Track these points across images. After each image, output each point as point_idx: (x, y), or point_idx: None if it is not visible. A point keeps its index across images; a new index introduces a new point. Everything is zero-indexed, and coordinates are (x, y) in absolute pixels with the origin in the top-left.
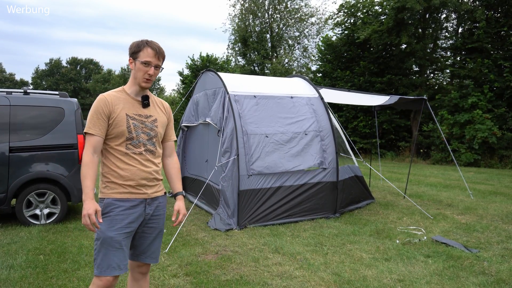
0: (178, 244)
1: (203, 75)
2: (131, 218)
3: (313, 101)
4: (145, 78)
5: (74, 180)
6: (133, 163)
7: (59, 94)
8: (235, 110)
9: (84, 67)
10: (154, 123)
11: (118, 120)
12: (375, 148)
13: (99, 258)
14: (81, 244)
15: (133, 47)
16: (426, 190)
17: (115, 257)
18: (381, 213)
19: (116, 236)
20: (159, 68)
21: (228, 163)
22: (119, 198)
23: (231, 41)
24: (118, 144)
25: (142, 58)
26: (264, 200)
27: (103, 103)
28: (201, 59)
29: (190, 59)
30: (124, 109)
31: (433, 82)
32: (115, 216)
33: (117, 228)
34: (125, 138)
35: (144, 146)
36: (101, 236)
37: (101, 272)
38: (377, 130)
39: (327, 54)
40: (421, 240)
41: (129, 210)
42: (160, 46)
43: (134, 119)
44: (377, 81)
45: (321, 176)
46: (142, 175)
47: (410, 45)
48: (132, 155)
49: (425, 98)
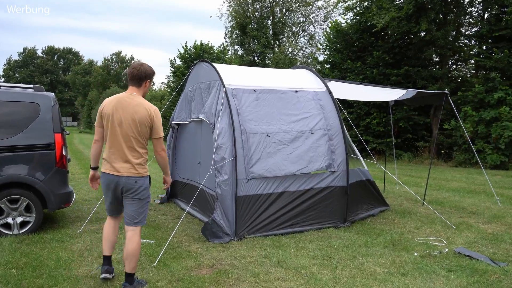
0: (168, 257)
1: (196, 66)
2: None
3: (320, 96)
4: None
5: (51, 184)
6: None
7: (34, 87)
8: (232, 105)
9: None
10: None
11: None
12: (390, 149)
13: (146, 214)
14: (58, 257)
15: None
16: (447, 196)
17: None
18: (397, 222)
19: None
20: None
21: (226, 165)
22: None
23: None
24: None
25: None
26: (265, 207)
27: None
28: (195, 47)
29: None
30: None
31: (455, 74)
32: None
33: None
34: None
35: None
36: (150, 198)
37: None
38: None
39: (336, 42)
40: (442, 253)
41: None
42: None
43: None
44: (392, 73)
45: (329, 180)
46: None
47: (430, 32)
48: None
49: (447, 92)
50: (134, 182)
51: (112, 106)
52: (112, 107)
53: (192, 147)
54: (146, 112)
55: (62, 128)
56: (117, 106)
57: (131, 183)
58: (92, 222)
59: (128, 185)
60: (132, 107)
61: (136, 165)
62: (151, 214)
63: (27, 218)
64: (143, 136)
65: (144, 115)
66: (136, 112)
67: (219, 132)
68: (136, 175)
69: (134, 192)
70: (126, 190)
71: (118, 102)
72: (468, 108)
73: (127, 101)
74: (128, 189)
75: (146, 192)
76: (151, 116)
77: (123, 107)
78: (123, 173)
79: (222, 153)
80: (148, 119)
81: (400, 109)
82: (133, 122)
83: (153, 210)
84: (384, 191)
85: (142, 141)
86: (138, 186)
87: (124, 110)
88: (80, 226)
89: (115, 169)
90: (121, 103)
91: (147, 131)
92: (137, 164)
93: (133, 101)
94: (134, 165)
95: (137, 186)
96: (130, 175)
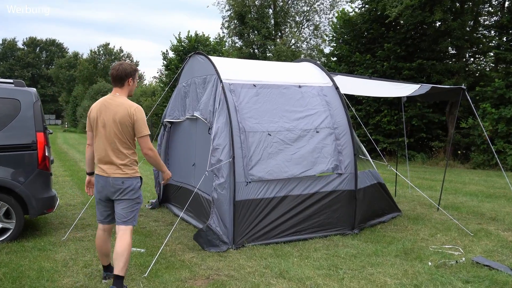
0: (161, 267)
1: (191, 59)
2: None
3: (326, 91)
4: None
5: (32, 188)
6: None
7: (14, 82)
8: (230, 102)
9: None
10: None
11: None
12: (402, 149)
13: (137, 214)
14: (41, 267)
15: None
16: (464, 200)
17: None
18: (409, 228)
19: None
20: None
21: (223, 166)
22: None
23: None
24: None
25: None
26: (266, 213)
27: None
28: (189, 39)
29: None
30: None
31: (473, 68)
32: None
33: None
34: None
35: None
36: (141, 201)
37: (136, 222)
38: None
39: (343, 33)
40: (458, 262)
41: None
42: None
43: None
44: (405, 66)
45: (336, 183)
46: None
47: (445, 22)
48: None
49: (464, 87)
50: (121, 182)
51: (97, 109)
52: (96, 110)
53: (186, 147)
54: (126, 112)
55: (44, 126)
56: (101, 109)
57: (118, 183)
58: (78, 229)
59: (115, 186)
60: (113, 108)
61: (122, 166)
62: (142, 220)
63: (7, 224)
64: (126, 136)
65: (123, 115)
66: (116, 113)
67: (215, 131)
68: (122, 176)
69: (122, 192)
70: (114, 191)
71: (101, 105)
72: (487, 104)
73: (109, 102)
74: (116, 190)
75: (136, 193)
76: (131, 114)
77: (106, 109)
78: (110, 174)
79: (218, 154)
80: (128, 118)
81: (413, 106)
82: (114, 123)
83: (144, 216)
84: (396, 195)
85: (127, 142)
86: (125, 187)
87: (107, 112)
88: (64, 234)
89: (103, 170)
90: (104, 105)
91: (129, 130)
92: (123, 165)
93: (114, 102)
94: (119, 165)
95: (124, 186)
96: (116, 176)
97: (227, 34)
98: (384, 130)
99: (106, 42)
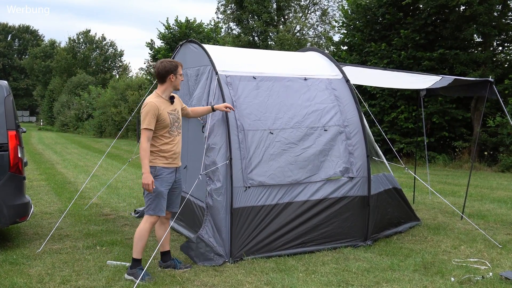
0: (148, 283)
1: (182, 48)
2: (172, 180)
3: (335, 85)
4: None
5: (3, 194)
6: (172, 143)
7: None
8: (227, 96)
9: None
10: (178, 113)
11: (164, 117)
12: (421, 150)
13: (154, 204)
14: (13, 283)
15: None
16: (492, 208)
17: (163, 204)
18: (429, 240)
19: (164, 191)
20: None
21: (219, 169)
22: (165, 167)
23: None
24: (164, 132)
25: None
26: (268, 221)
27: (155, 107)
28: (179, 25)
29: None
30: (165, 108)
31: (501, 58)
32: (164, 177)
33: (165, 185)
34: (168, 127)
35: (177, 131)
36: (156, 191)
37: (155, 213)
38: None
39: (355, 19)
40: (485, 278)
41: (170, 174)
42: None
43: (170, 114)
44: (424, 56)
45: (346, 188)
46: (177, 151)
47: (470, 6)
48: (171, 138)
49: (491, 80)
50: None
51: None
52: None
53: None
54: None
55: (17, 124)
56: None
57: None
58: (54, 240)
59: None
60: None
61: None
62: (127, 230)
63: None
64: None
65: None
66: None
67: (210, 128)
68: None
69: None
70: None
71: None
72: None
73: None
74: None
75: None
76: (142, 109)
77: None
78: None
79: (214, 154)
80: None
81: (434, 101)
82: None
83: (129, 225)
84: (414, 202)
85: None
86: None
87: None
88: (40, 245)
89: None
90: None
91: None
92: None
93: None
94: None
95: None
96: None
97: (223, 19)
98: (401, 129)
99: (87, 29)
